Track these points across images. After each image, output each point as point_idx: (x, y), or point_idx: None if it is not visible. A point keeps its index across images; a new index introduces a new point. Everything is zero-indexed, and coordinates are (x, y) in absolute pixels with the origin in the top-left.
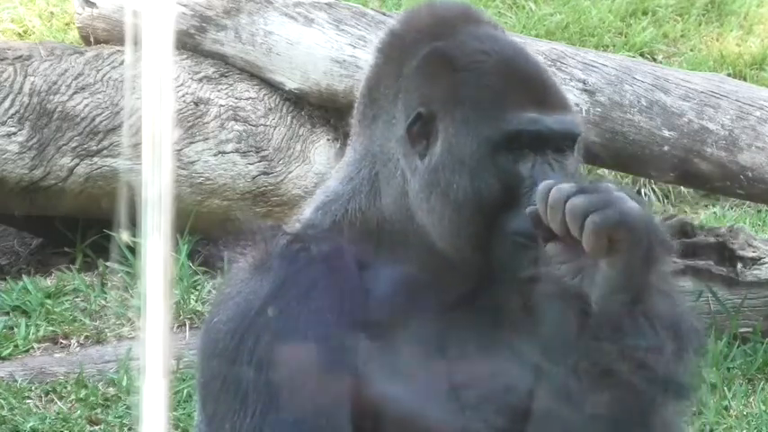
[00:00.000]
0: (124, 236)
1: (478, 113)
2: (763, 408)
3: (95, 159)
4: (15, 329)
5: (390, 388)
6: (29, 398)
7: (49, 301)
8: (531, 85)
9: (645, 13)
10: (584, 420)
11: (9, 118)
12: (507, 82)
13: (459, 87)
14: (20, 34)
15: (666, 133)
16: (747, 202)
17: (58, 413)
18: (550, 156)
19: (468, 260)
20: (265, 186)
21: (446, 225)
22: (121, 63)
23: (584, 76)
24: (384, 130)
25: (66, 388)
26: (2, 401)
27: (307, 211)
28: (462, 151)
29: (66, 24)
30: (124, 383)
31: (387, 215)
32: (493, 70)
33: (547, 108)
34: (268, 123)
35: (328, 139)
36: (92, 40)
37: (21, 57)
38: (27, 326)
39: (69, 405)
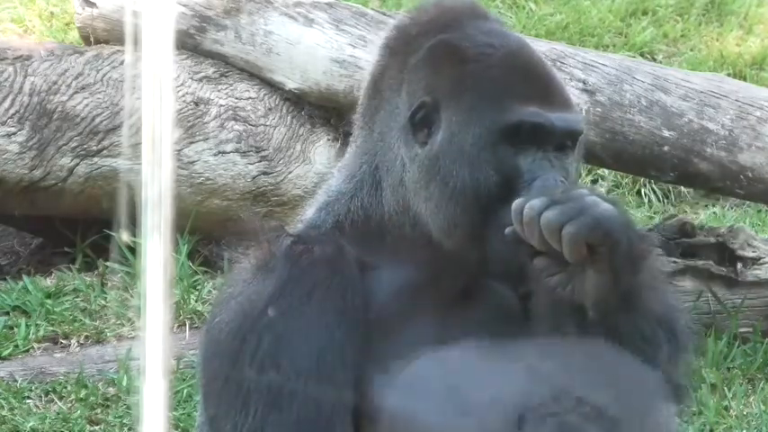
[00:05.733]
0: (124, 236)
1: (482, 103)
2: (763, 408)
3: (95, 159)
4: (15, 329)
5: (392, 389)
6: (29, 398)
7: (49, 301)
8: (536, 81)
9: (645, 13)
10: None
11: (9, 118)
12: (513, 75)
13: (465, 77)
14: (20, 34)
15: (666, 133)
16: (747, 202)
17: (58, 413)
18: (551, 153)
19: (464, 251)
20: (265, 186)
21: (442, 214)
22: (121, 63)
23: (584, 76)
24: (386, 120)
25: (66, 388)
26: (2, 401)
27: (309, 212)
28: (464, 140)
29: (67, 24)
30: (124, 383)
31: (386, 208)
32: (499, 63)
33: (550, 104)
34: (268, 123)
35: (328, 139)
36: (92, 40)
37: (21, 57)
38: (27, 326)
39: (69, 405)
